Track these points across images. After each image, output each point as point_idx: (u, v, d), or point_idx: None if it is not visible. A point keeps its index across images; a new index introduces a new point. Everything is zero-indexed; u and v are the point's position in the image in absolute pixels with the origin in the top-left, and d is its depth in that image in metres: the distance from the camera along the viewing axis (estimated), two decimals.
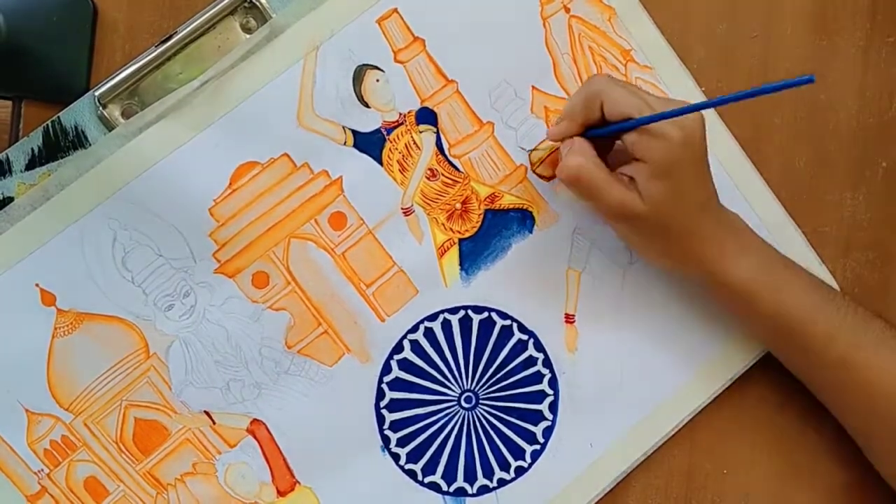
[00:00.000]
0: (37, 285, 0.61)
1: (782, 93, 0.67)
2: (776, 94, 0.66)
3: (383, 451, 0.64)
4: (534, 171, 0.66)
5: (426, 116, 0.64)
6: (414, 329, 0.64)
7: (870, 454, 0.65)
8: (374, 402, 0.64)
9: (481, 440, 0.65)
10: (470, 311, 0.65)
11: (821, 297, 0.62)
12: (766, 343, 0.65)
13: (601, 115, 0.59)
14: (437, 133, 0.64)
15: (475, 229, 0.65)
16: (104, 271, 0.61)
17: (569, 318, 0.66)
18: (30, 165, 0.61)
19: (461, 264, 0.65)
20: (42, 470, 0.61)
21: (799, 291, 0.61)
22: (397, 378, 0.64)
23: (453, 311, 0.65)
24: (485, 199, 0.65)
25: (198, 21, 0.62)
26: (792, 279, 0.62)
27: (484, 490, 0.65)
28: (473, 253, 0.65)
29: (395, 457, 0.64)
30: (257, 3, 0.62)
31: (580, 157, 0.58)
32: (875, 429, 0.63)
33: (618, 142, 0.60)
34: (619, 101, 0.58)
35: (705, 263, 0.61)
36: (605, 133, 0.59)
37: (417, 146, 0.64)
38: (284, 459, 0.63)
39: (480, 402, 0.65)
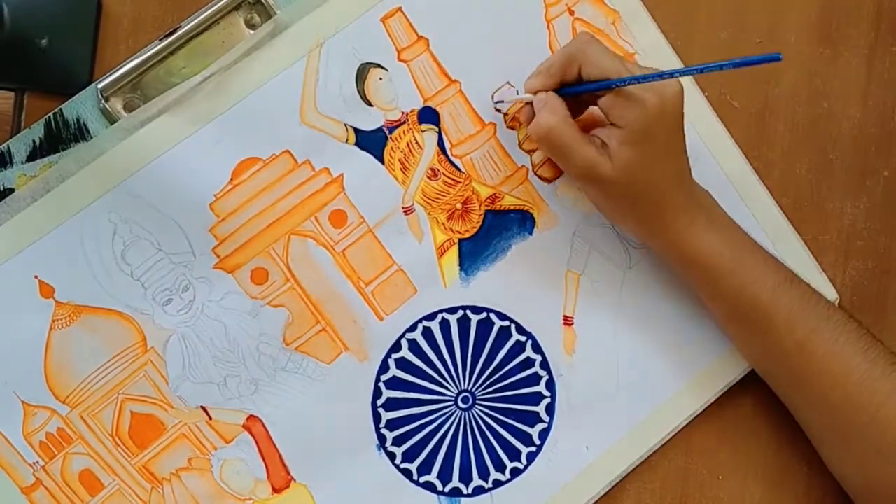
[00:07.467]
0: (36, 277, 0.61)
1: (785, 100, 0.68)
2: (778, 100, 0.66)
3: (379, 449, 0.64)
4: (535, 173, 0.66)
5: (428, 116, 0.64)
6: (412, 328, 0.64)
7: (821, 449, 0.64)
8: (370, 400, 0.64)
9: (477, 441, 0.65)
10: (468, 312, 0.65)
11: (784, 280, 0.61)
12: (726, 326, 0.64)
13: (579, 74, 0.59)
14: (439, 132, 0.64)
15: (475, 230, 0.65)
16: (103, 264, 0.61)
17: (567, 321, 0.66)
18: (31, 157, 0.61)
19: (461, 264, 0.65)
20: (37, 462, 0.61)
21: (762, 273, 0.60)
22: (394, 377, 0.64)
23: (452, 311, 0.65)
24: (485, 200, 0.65)
25: (202, 16, 0.62)
26: (756, 260, 0.61)
27: (479, 491, 0.65)
28: (473, 253, 0.65)
29: (391, 456, 0.64)
30: (262, 0, 0.62)
31: (552, 115, 0.58)
32: (828, 422, 0.62)
33: (592, 107, 0.60)
34: (599, 61, 0.58)
35: (671, 234, 0.60)
36: (580, 91, 0.59)
37: (419, 145, 0.64)
38: (280, 456, 0.63)
39: (477, 402, 0.65)
